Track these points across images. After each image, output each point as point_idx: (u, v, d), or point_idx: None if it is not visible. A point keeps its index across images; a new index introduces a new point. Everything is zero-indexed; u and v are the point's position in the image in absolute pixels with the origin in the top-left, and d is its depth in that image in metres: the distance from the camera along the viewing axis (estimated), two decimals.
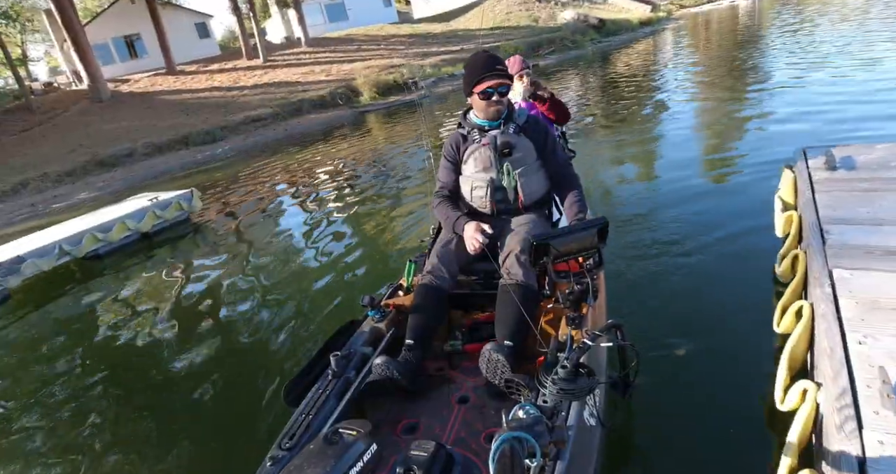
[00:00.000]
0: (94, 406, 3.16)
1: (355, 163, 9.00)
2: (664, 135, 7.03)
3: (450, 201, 2.34)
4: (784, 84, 8.25)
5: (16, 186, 12.77)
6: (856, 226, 2.30)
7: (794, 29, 15.44)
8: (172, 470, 2.46)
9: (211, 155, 13.13)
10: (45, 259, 5.35)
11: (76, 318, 4.63)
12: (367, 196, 6.59)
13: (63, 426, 2.99)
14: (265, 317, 3.79)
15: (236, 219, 6.85)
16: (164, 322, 4.08)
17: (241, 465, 2.15)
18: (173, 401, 3.09)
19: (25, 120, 18.19)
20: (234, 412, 2.80)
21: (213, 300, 4.35)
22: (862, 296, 1.87)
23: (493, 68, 2.11)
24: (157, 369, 3.48)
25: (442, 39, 23.81)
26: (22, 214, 11.21)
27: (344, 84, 17.57)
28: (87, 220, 6.35)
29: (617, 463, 1.97)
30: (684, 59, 14.71)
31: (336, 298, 3.72)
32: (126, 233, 6.08)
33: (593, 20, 24.88)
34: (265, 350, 3.36)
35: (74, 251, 5.59)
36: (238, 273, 4.78)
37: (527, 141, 2.22)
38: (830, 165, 2.94)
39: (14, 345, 4.39)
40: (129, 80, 21.01)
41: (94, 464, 2.61)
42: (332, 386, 1.84)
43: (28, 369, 3.88)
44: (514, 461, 1.07)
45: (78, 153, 14.30)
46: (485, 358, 1.82)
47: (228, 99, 17.72)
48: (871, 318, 1.76)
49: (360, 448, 1.31)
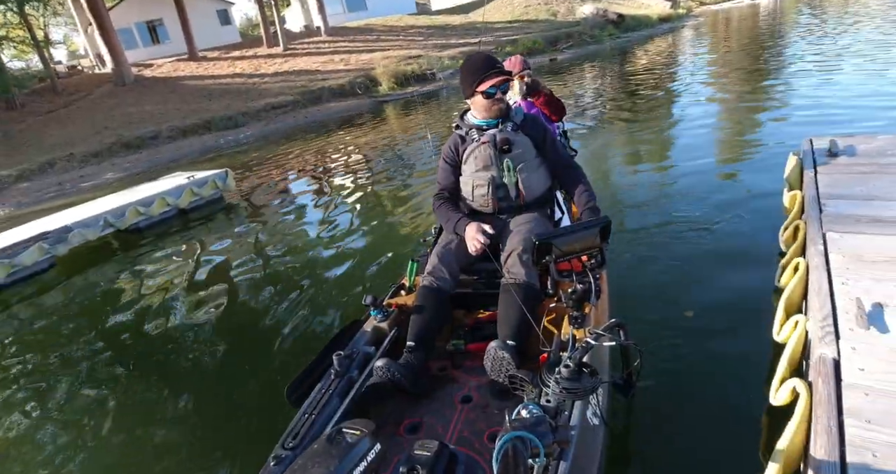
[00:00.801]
0: (102, 374, 3.36)
1: (371, 153, 9.15)
2: (676, 129, 7.10)
3: (450, 203, 2.34)
4: (801, 79, 8.32)
5: (43, 166, 13.13)
6: (850, 200, 2.60)
7: (816, 28, 15.36)
8: (172, 467, 2.48)
9: (234, 140, 13.41)
10: (91, 229, 5.69)
11: (109, 289, 4.89)
12: (382, 186, 6.69)
13: (71, 390, 3.22)
14: (274, 307, 3.82)
15: (259, 203, 7.09)
16: (186, 298, 4.25)
17: (243, 463, 2.28)
18: (178, 381, 3.16)
19: (51, 101, 18.58)
20: (237, 407, 2.82)
21: (231, 282, 4.48)
22: (849, 252, 2.19)
23: (494, 67, 2.15)
24: (169, 344, 3.62)
25: (460, 31, 23.87)
26: (50, 193, 11.56)
27: (363, 73, 17.76)
28: (128, 195, 6.66)
29: (620, 463, 1.97)
30: (703, 56, 14.70)
31: (351, 289, 3.77)
32: (165, 208, 6.40)
33: (612, 15, 24.79)
34: (269, 343, 3.37)
35: (118, 223, 5.93)
36: (258, 256, 4.97)
37: (525, 138, 2.24)
38: (833, 152, 3.21)
39: (53, 309, 4.66)
40: (151, 64, 21.34)
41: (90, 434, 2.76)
42: (335, 385, 1.85)
43: (59, 333, 4.14)
44: (517, 460, 1.07)
45: (103, 135, 14.64)
46: (490, 355, 1.85)
47: (249, 86, 17.98)
48: (854, 267, 2.08)
49: (364, 447, 1.30)
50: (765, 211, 3.73)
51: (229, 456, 2.42)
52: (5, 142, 15.42)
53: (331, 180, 7.64)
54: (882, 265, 2.05)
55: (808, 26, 16.34)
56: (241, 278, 4.52)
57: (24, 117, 17.16)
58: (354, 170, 8.01)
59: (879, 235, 2.26)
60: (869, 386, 1.51)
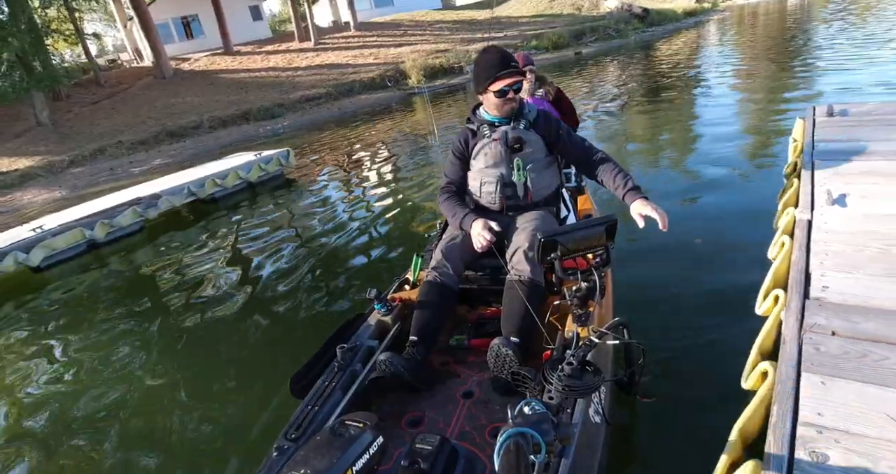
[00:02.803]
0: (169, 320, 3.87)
1: (396, 144, 9.50)
2: (697, 121, 7.26)
3: (456, 197, 2.32)
4: (832, 72, 8.50)
5: (94, 152, 13.92)
6: (837, 143, 3.26)
7: (847, 23, 15.40)
8: (175, 445, 2.55)
9: (272, 129, 14.05)
10: (177, 196, 6.50)
11: (188, 250, 5.49)
12: (402, 175, 6.97)
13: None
14: (297, 295, 3.95)
15: (305, 186, 7.66)
16: (233, 269, 4.73)
17: (245, 452, 2.34)
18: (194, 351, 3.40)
19: (94, 93, 19.45)
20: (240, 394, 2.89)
21: (286, 253, 4.88)
22: (831, 173, 2.83)
23: (508, 66, 2.09)
24: (199, 315, 3.92)
25: (486, 26, 24.25)
26: (102, 177, 12.30)
27: (392, 67, 18.29)
28: (205, 169, 7.47)
29: (621, 461, 1.97)
30: (728, 51, 14.88)
31: (369, 278, 3.94)
32: (237, 181, 7.16)
33: (637, 10, 24.90)
34: (285, 329, 3.51)
35: (199, 192, 6.70)
36: (314, 227, 5.49)
37: (537, 136, 2.21)
38: (829, 113, 3.85)
39: (142, 264, 5.36)
40: (188, 58, 22.15)
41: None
42: (338, 378, 1.87)
43: (143, 284, 4.81)
44: (519, 456, 1.07)
45: (148, 124, 15.41)
46: (493, 352, 1.85)
47: (283, 79, 18.64)
48: (834, 182, 2.68)
49: (366, 440, 1.31)
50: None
51: (230, 440, 2.47)
52: (55, 130, 16.26)
53: (358, 169, 8.09)
54: (856, 176, 2.70)
55: (836, 22, 16.33)
56: (289, 252, 4.90)
57: (71, 107, 18.02)
58: (378, 161, 8.39)
59: (856, 161, 2.94)
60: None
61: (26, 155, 13.97)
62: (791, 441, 1.30)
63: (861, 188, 2.59)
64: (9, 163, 13.55)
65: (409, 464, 1.35)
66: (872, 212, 2.35)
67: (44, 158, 13.54)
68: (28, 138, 15.48)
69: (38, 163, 13.22)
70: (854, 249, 2.09)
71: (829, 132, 3.42)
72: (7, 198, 11.54)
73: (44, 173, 12.90)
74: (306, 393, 1.82)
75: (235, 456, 2.35)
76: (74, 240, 5.62)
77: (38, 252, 5.35)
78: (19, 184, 12.43)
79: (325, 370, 1.94)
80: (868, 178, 2.68)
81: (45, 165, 13.15)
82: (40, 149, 14.38)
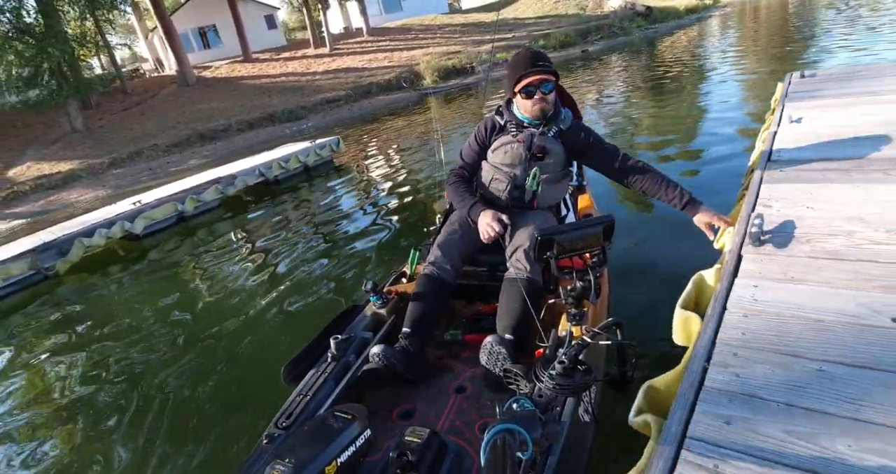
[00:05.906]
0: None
1: (409, 141, 10.11)
2: (698, 113, 7.50)
3: (467, 182, 2.31)
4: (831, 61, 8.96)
5: (131, 154, 14.75)
6: (804, 93, 3.91)
7: (848, 19, 15.86)
8: (166, 432, 2.67)
9: (297, 130, 14.83)
10: (250, 177, 7.52)
11: (258, 223, 6.37)
12: (415, 168, 7.56)
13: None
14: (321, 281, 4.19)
15: (351, 169, 8.45)
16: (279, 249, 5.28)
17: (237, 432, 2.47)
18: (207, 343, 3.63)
19: (122, 101, 20.36)
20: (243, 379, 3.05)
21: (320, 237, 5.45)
22: (794, 107, 3.48)
23: (536, 64, 2.05)
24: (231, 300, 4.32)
25: (493, 28, 24.99)
26: (143, 176, 13.09)
27: (406, 69, 19.06)
28: (270, 155, 8.39)
29: (608, 460, 1.93)
30: (730, 45, 15.44)
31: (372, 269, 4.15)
32: (297, 164, 8.11)
33: (640, 8, 25.51)
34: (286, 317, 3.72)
35: (267, 173, 7.69)
36: (363, 208, 6.23)
37: (561, 147, 2.17)
38: (802, 76, 4.55)
39: (223, 232, 6.33)
40: (209, 66, 23.06)
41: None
42: (331, 368, 1.87)
43: (225, 249, 5.64)
44: (505, 452, 1.07)
45: (178, 129, 16.24)
46: (486, 349, 1.86)
47: (303, 83, 19.45)
48: (796, 112, 3.31)
49: (353, 432, 1.32)
50: None
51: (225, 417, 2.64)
52: (89, 136, 17.13)
53: (376, 161, 8.77)
54: (812, 109, 3.30)
55: (837, 18, 16.81)
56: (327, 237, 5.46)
57: (101, 115, 18.92)
58: (392, 156, 8.98)
59: (814, 101, 3.57)
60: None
61: (65, 159, 14.83)
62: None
63: (814, 113, 3.24)
64: (50, 166, 14.41)
65: (398, 457, 1.36)
66: (823, 130, 2.87)
67: (83, 162, 14.38)
68: (64, 144, 16.37)
69: (78, 166, 14.06)
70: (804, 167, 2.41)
71: (800, 87, 4.22)
72: (55, 197, 12.39)
73: (85, 175, 13.74)
74: (298, 381, 1.85)
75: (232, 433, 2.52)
76: (169, 212, 6.64)
77: (140, 222, 6.33)
78: (63, 185, 13.27)
79: (319, 360, 1.95)
80: (820, 108, 3.38)
81: (86, 168, 13.99)
82: (78, 154, 15.23)
